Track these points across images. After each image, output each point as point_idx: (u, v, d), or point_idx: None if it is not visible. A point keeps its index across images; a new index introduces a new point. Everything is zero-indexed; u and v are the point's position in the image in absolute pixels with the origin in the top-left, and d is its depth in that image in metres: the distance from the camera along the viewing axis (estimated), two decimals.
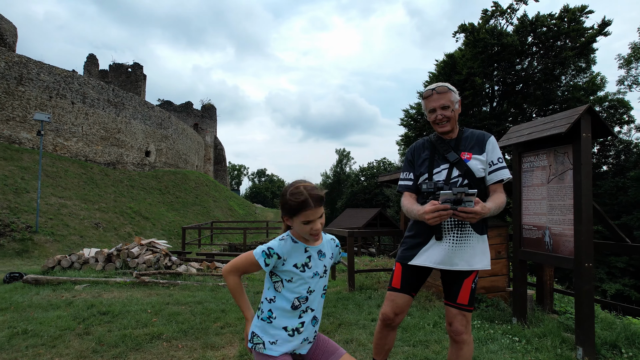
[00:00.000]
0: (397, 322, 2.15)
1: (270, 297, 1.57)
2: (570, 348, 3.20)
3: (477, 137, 2.15)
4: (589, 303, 3.12)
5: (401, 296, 2.13)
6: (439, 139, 2.19)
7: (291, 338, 1.54)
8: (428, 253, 2.07)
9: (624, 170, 23.25)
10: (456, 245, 2.01)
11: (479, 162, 2.07)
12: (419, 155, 2.22)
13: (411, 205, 2.09)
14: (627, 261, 19.17)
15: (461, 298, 2.04)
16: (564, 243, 3.37)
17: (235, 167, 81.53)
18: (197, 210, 25.21)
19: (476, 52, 22.72)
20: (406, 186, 2.21)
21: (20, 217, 13.50)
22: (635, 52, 23.13)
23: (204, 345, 3.20)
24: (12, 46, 23.81)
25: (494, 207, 1.95)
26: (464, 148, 2.11)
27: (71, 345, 3.13)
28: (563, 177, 3.43)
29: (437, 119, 2.13)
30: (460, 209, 1.82)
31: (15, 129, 17.60)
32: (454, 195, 1.82)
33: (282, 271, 1.55)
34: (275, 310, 1.56)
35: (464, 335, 2.03)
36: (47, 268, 6.26)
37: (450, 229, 2.03)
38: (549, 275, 4.63)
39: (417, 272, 2.13)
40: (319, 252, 1.62)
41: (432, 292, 5.25)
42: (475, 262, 2.03)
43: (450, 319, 2.06)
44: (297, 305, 1.55)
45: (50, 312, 4.11)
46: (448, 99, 2.11)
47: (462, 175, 2.06)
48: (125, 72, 35.58)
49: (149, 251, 6.80)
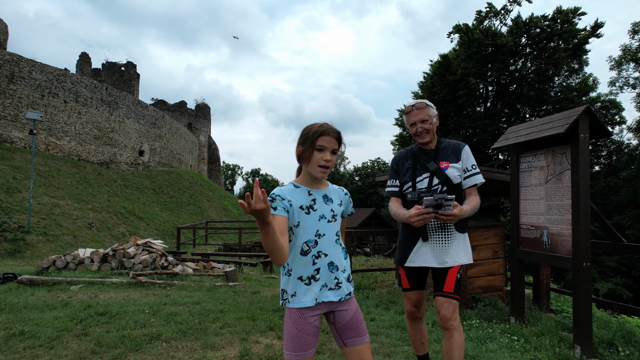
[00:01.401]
0: (421, 313, 2.41)
1: None
2: (568, 346, 3.23)
3: (453, 146, 2.40)
4: (586, 302, 3.16)
5: (414, 293, 2.40)
6: (420, 150, 2.43)
7: (308, 287, 1.57)
8: (418, 253, 2.32)
9: (615, 171, 23.54)
10: (441, 244, 2.27)
11: (455, 169, 2.32)
12: (403, 164, 2.47)
13: (398, 209, 2.33)
14: (619, 260, 19.42)
15: (447, 287, 2.25)
16: (562, 243, 3.40)
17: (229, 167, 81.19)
18: (191, 210, 25.07)
19: (470, 53, 22.86)
20: (393, 192, 2.46)
21: (12, 217, 13.34)
22: (625, 53, 23.38)
23: (203, 346, 3.18)
24: (3, 44, 23.53)
25: (469, 209, 2.20)
26: (442, 158, 2.36)
27: (69, 347, 3.10)
28: (561, 177, 3.46)
29: (417, 132, 2.39)
30: (440, 212, 2.07)
31: (7, 128, 17.37)
32: (435, 200, 2.07)
33: (291, 216, 1.57)
34: (291, 261, 1.59)
35: (451, 321, 2.19)
36: (42, 268, 6.19)
37: (435, 230, 2.28)
38: (546, 275, 4.67)
39: (417, 271, 2.39)
40: (325, 196, 1.66)
41: (429, 291, 5.27)
42: (459, 257, 2.28)
43: (438, 307, 2.25)
44: (306, 250, 1.57)
45: (46, 313, 4.06)
46: (426, 113, 2.36)
47: (442, 183, 2.31)
48: (118, 71, 35.28)
49: (145, 251, 6.75)
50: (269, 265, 9.60)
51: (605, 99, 23.92)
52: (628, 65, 23.74)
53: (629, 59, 23.37)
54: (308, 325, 1.56)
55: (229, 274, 6.54)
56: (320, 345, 3.17)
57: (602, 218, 3.75)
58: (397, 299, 5.06)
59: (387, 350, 3.16)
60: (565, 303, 4.97)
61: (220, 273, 6.77)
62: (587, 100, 23.09)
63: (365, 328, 1.68)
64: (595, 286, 18.96)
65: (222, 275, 6.60)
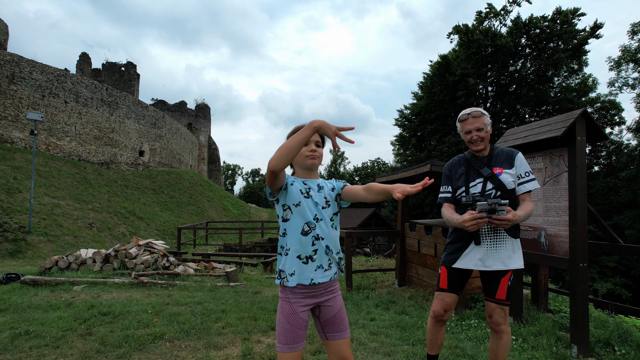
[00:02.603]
0: (446, 318, 2.47)
1: (283, 231, 1.72)
2: (565, 346, 3.28)
3: (506, 153, 2.46)
4: (583, 302, 3.21)
5: (449, 295, 2.45)
6: (473, 157, 2.50)
7: (305, 266, 1.66)
8: (469, 256, 2.39)
9: (615, 171, 23.59)
10: (493, 248, 2.33)
11: (509, 175, 2.37)
12: (456, 171, 2.54)
13: (451, 214, 2.39)
14: (618, 260, 19.47)
15: (499, 294, 2.34)
16: (559, 244, 3.45)
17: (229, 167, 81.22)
18: (192, 210, 25.12)
19: (470, 53, 22.91)
20: (446, 198, 2.52)
21: (13, 218, 13.38)
22: (625, 54, 23.42)
23: (206, 345, 3.23)
24: (4, 44, 23.56)
25: (523, 214, 2.25)
26: (496, 164, 2.43)
27: (74, 346, 3.14)
28: (558, 179, 3.51)
29: (472, 139, 2.44)
30: (494, 217, 2.13)
31: (7, 128, 17.42)
32: (489, 205, 2.13)
33: (291, 193, 1.68)
34: (289, 241, 1.69)
35: (502, 325, 2.33)
36: (44, 269, 6.24)
37: (487, 234, 2.34)
38: (544, 275, 4.72)
39: (461, 274, 2.46)
40: (318, 185, 1.79)
41: (429, 292, 5.32)
42: (510, 262, 2.33)
43: (490, 312, 2.38)
44: (307, 230, 1.67)
45: (50, 313, 4.11)
46: (482, 122, 2.43)
47: (496, 188, 2.37)
48: (118, 71, 35.32)
49: (146, 252, 6.80)
50: (269, 266, 9.65)
51: (605, 100, 23.97)
52: (627, 65, 23.79)
53: (628, 60, 23.41)
54: (299, 319, 1.66)
55: (230, 274, 6.58)
56: (321, 345, 3.21)
57: (599, 219, 3.81)
58: (396, 299, 5.12)
59: (387, 349, 3.21)
60: (564, 303, 5.02)
61: (221, 273, 6.82)
62: (587, 100, 23.15)
63: (347, 324, 1.79)
64: (595, 286, 19.02)
65: (223, 276, 6.65)
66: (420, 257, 5.66)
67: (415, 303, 4.88)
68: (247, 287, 6.06)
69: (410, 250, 5.95)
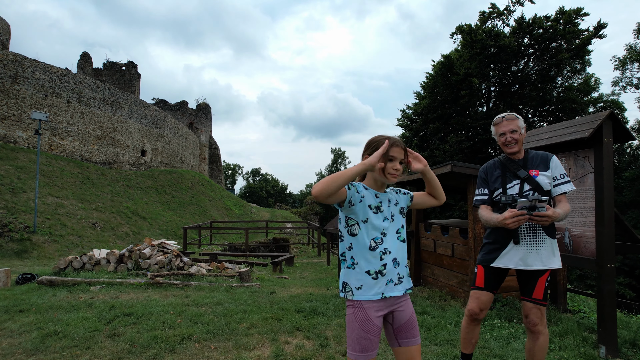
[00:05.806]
0: (481, 316, 2.50)
1: (348, 245, 1.70)
2: (591, 346, 3.30)
3: (541, 156, 2.49)
4: (611, 303, 3.22)
5: (485, 294, 2.49)
6: (508, 159, 2.53)
7: (375, 281, 1.65)
8: (509, 256, 2.40)
9: (618, 171, 23.62)
10: (533, 248, 2.35)
11: (545, 177, 2.40)
12: (492, 173, 2.57)
13: (489, 215, 2.42)
14: (622, 260, 19.52)
15: (536, 294, 2.36)
16: (585, 244, 3.46)
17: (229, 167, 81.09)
18: (194, 209, 25.08)
19: (473, 53, 22.92)
20: (482, 200, 2.57)
21: (18, 217, 13.35)
22: (630, 53, 23.46)
23: (236, 346, 3.24)
24: (6, 44, 23.50)
25: (562, 212, 2.27)
26: (531, 166, 2.46)
27: (105, 347, 3.15)
28: (583, 180, 3.52)
29: (506, 141, 2.49)
30: (535, 213, 2.15)
31: (11, 128, 17.37)
32: (530, 202, 2.15)
33: (359, 210, 1.66)
34: (356, 255, 1.67)
35: (539, 326, 2.35)
36: (59, 269, 6.23)
37: (526, 234, 2.36)
38: (562, 276, 4.74)
39: (498, 273, 2.49)
40: (389, 200, 1.78)
41: (446, 292, 5.33)
42: (549, 262, 2.35)
43: (527, 312, 2.39)
44: (374, 246, 1.67)
45: (72, 313, 4.10)
46: (516, 124, 2.48)
47: (533, 189, 2.39)
48: (119, 71, 35.25)
49: (160, 252, 6.79)
50: (278, 266, 9.66)
51: (608, 99, 24.01)
52: (632, 65, 23.84)
53: (633, 59, 23.46)
54: (373, 326, 1.63)
55: (243, 274, 6.59)
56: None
57: (622, 220, 3.82)
58: (414, 299, 5.12)
59: None
60: (581, 303, 5.04)
61: (233, 273, 6.82)
62: (589, 100, 23.18)
63: (418, 330, 1.76)
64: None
65: (236, 276, 6.66)
66: (436, 257, 5.67)
67: (433, 303, 4.89)
68: (261, 288, 6.07)
69: (426, 250, 5.96)
